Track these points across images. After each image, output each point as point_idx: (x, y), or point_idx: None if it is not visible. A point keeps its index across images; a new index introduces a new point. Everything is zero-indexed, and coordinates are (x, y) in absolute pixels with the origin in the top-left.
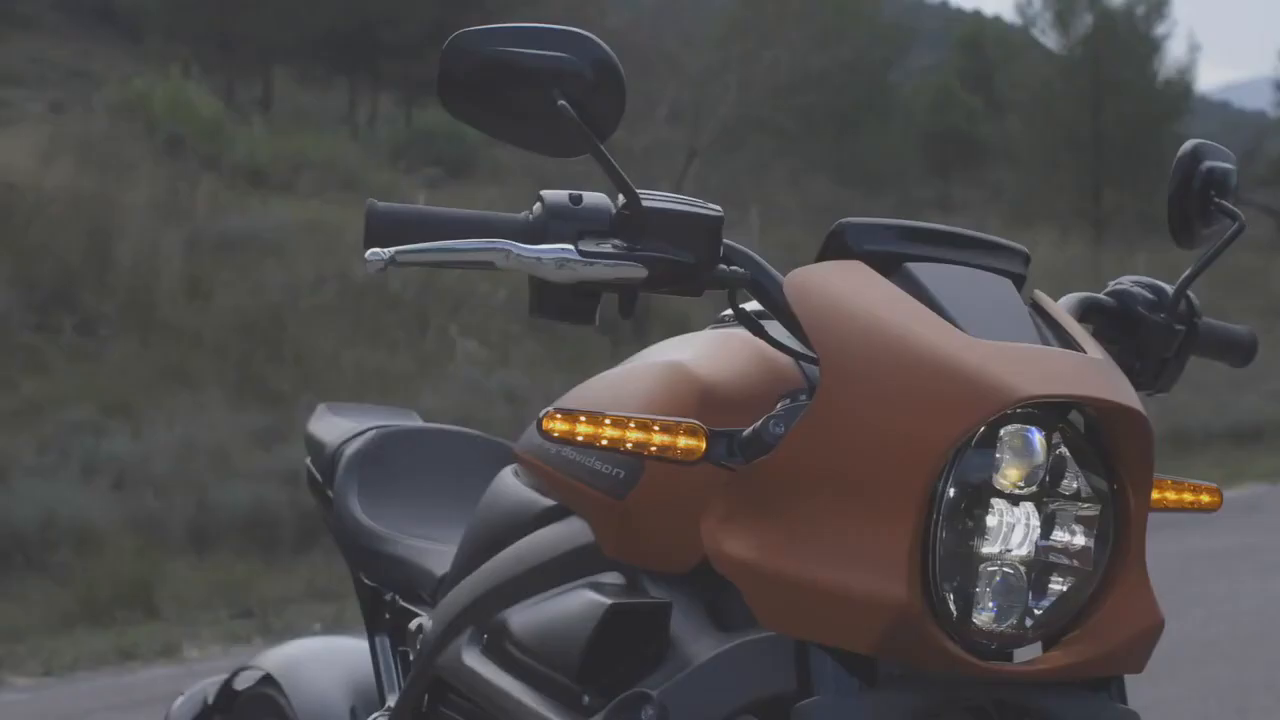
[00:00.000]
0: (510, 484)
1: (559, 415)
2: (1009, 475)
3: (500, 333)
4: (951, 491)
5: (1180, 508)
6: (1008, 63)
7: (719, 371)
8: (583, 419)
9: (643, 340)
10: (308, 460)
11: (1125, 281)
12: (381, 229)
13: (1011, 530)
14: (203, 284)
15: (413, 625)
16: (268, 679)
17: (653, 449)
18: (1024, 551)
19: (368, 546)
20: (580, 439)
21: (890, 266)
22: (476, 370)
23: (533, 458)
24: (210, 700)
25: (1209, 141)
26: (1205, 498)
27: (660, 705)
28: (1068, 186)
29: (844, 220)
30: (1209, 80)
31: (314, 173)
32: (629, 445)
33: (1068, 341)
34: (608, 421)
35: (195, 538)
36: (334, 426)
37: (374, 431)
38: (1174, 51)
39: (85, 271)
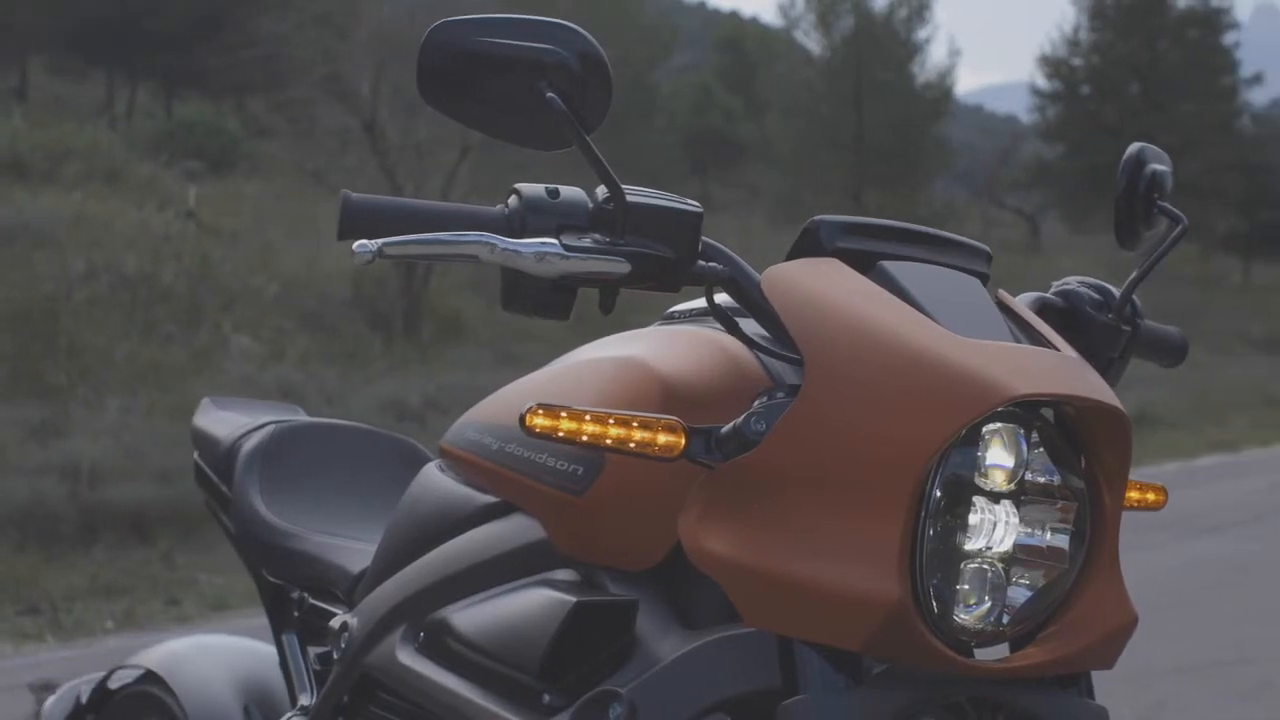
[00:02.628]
0: (439, 480)
1: (541, 411)
2: (991, 473)
3: (273, 328)
4: (938, 490)
5: (1127, 506)
6: (769, 64)
7: (679, 367)
8: (564, 415)
9: (415, 338)
10: (195, 455)
11: (1072, 282)
12: (355, 220)
13: (993, 528)
14: None
15: (334, 623)
16: (150, 676)
17: (632, 445)
18: (1003, 549)
19: (273, 543)
20: (561, 434)
21: (864, 264)
22: (251, 365)
23: (469, 454)
24: (84, 700)
25: (1150, 145)
26: (1151, 496)
27: (629, 703)
28: (830, 187)
29: (817, 218)
30: (962, 84)
31: (76, 165)
32: (609, 441)
33: (1039, 340)
34: (588, 418)
35: None
36: (224, 421)
37: (272, 426)
38: (934, 55)
39: None
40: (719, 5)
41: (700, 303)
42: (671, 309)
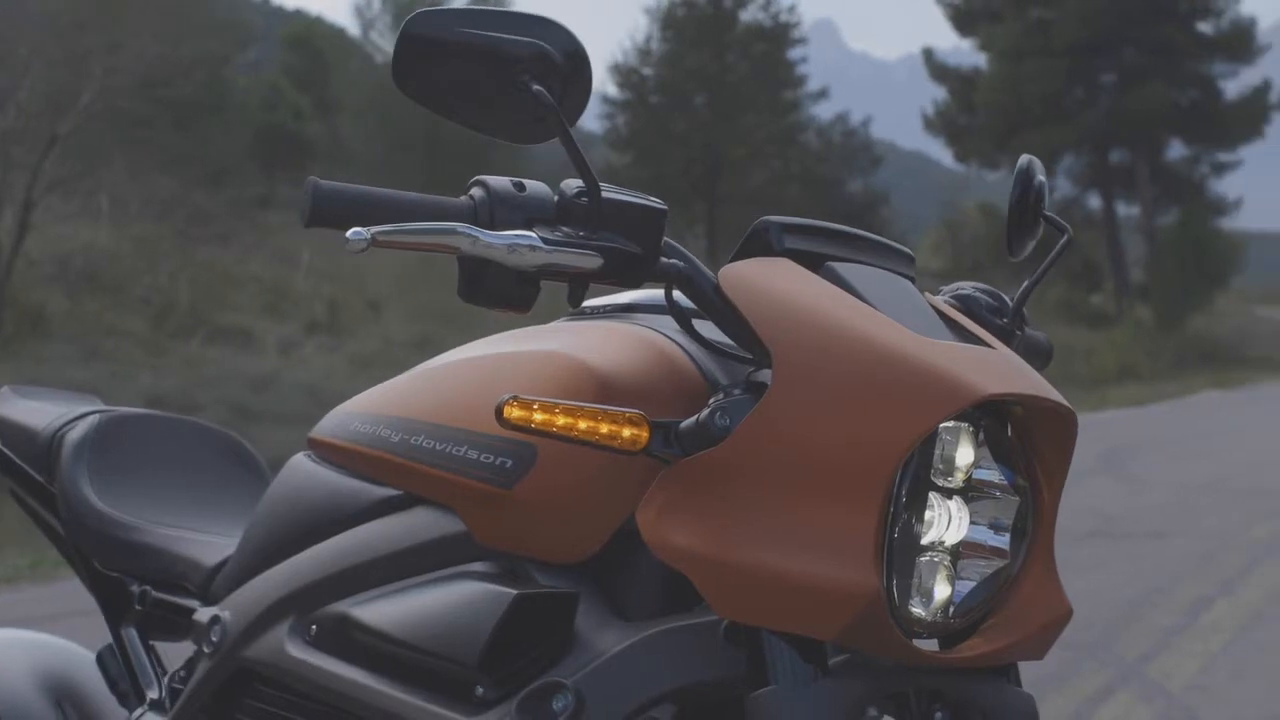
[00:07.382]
0: (317, 472)
1: (516, 403)
2: (947, 469)
3: None
4: (904, 486)
5: None
6: (341, 63)
7: (608, 361)
8: (537, 406)
9: (42, 338)
10: (1, 447)
11: (966, 287)
12: (322, 207)
13: (947, 523)
14: None
15: (200, 617)
16: None
17: (598, 438)
18: (953, 542)
19: (109, 535)
20: (534, 426)
21: (812, 265)
22: None
23: (360, 446)
24: None
25: (1036, 158)
26: None
27: (576, 693)
28: (402, 187)
29: (766, 218)
30: None
31: None
32: (577, 434)
33: (975, 340)
34: (558, 410)
35: None
36: (35, 411)
37: (95, 416)
38: None
39: None
40: (283, 3)
41: (613, 299)
42: (585, 303)
